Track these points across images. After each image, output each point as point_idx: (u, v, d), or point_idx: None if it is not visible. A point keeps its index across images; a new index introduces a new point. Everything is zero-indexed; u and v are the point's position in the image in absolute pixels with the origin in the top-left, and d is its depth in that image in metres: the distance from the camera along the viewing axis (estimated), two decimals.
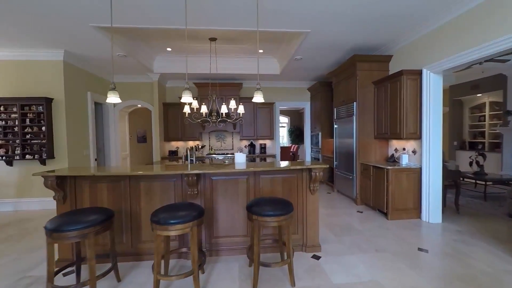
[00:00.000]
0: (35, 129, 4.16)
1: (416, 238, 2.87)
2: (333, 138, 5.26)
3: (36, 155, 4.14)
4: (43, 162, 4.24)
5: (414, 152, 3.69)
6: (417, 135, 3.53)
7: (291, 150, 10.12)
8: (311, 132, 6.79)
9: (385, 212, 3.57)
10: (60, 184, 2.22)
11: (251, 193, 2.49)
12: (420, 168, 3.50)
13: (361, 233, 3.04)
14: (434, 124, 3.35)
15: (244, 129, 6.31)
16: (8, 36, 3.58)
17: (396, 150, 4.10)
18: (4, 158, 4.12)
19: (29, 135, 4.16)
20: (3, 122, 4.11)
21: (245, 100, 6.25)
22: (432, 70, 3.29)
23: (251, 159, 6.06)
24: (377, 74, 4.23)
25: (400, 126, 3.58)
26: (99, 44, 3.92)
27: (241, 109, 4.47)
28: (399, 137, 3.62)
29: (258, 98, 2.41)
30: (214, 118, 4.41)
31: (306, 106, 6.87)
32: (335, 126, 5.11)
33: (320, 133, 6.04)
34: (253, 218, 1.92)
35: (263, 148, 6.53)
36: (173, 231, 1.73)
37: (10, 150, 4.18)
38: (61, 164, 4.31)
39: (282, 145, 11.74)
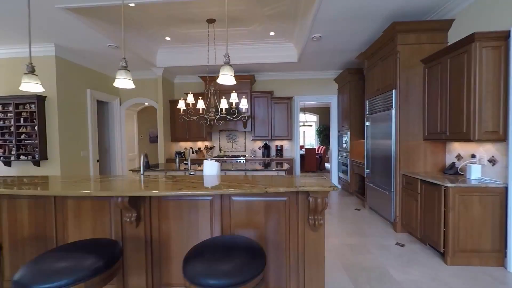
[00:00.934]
0: (29, 128, 3.95)
1: None
2: (364, 139, 4.08)
3: (29, 156, 3.94)
4: (36, 163, 4.02)
5: (492, 161, 2.40)
6: (500, 136, 2.25)
7: (318, 152, 8.90)
8: (338, 131, 5.61)
9: (442, 251, 2.37)
10: None
11: (216, 223, 1.65)
12: (506, 188, 2.22)
13: None
14: None
15: (256, 128, 5.46)
16: None
17: (459, 157, 2.81)
18: (1, 158, 4.01)
19: (24, 135, 3.97)
20: (1, 122, 3.99)
21: (259, 94, 5.42)
22: None
23: (264, 163, 5.18)
24: (428, 48, 2.98)
25: (468, 121, 2.34)
26: (83, 32, 3.50)
27: (243, 104, 3.66)
28: (466, 138, 2.38)
29: (224, 77, 1.53)
30: (212, 115, 3.70)
31: (333, 101, 5.70)
32: (367, 123, 3.92)
33: (348, 133, 4.86)
34: (185, 285, 1.08)
35: (279, 150, 5.59)
36: None
37: (7, 151, 4.05)
38: (54, 166, 4.04)
39: (309, 147, 10.55)
